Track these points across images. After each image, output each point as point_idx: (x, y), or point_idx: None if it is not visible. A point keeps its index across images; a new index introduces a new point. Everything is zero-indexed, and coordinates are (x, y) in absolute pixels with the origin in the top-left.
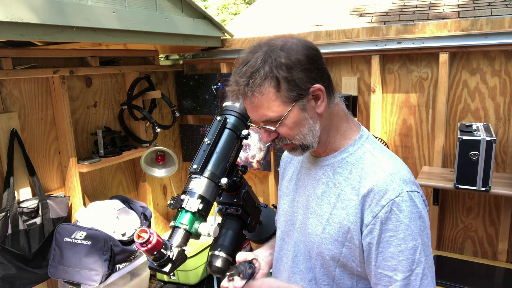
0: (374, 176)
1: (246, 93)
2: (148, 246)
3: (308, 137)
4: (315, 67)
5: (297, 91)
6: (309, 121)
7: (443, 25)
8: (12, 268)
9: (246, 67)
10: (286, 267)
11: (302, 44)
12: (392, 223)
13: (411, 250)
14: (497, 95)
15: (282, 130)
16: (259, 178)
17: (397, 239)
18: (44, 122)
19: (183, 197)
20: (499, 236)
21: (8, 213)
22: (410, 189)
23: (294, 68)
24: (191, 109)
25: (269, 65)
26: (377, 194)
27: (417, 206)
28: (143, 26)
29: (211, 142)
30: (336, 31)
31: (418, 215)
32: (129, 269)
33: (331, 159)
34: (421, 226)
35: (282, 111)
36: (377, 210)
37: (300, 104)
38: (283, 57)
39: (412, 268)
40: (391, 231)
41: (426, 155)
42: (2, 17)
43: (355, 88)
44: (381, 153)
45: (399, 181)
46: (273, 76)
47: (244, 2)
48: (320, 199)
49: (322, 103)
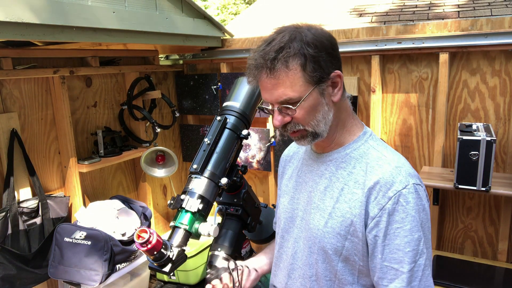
0: (380, 170)
1: (273, 67)
2: (148, 246)
3: (321, 124)
4: (337, 54)
5: (320, 73)
6: (325, 108)
7: (443, 25)
8: (12, 268)
9: (274, 43)
10: (286, 264)
11: (325, 30)
12: (399, 214)
13: (417, 241)
14: (497, 95)
15: (298, 114)
16: (259, 178)
17: (403, 230)
18: (44, 122)
19: (183, 197)
20: (499, 236)
21: (8, 213)
22: (415, 182)
23: (320, 49)
24: (191, 109)
25: (298, 42)
26: (384, 186)
27: (421, 199)
28: (143, 26)
29: (211, 142)
30: (336, 31)
31: (422, 207)
32: (129, 269)
33: (334, 155)
34: (424, 218)
35: (303, 92)
36: (384, 202)
37: (320, 88)
38: (311, 37)
39: (416, 259)
40: (398, 222)
41: (426, 155)
42: (2, 17)
43: (355, 88)
44: (385, 149)
45: (405, 173)
46: (302, 53)
47: (244, 2)
48: (323, 194)
49: (339, 91)
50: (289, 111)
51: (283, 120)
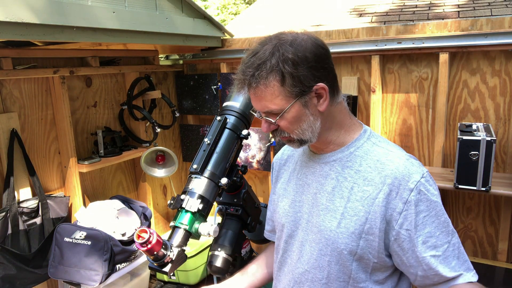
0: (392, 165)
1: (251, 83)
2: (148, 246)
3: (307, 132)
4: (322, 66)
5: (300, 87)
6: (310, 118)
7: (443, 25)
8: (12, 268)
9: (254, 58)
10: (291, 268)
11: (311, 41)
12: (424, 203)
13: (444, 223)
14: (497, 95)
15: (282, 123)
16: (259, 178)
17: (430, 216)
18: (44, 122)
19: (183, 197)
20: (499, 236)
21: (8, 213)
22: (427, 171)
23: (300, 64)
24: (191, 109)
25: (276, 58)
26: (403, 180)
27: (434, 183)
28: (143, 26)
29: (211, 142)
30: (336, 31)
31: (438, 193)
32: (129, 269)
33: (338, 154)
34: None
35: (283, 105)
36: (407, 195)
37: (302, 100)
38: (291, 53)
39: (449, 239)
40: (424, 211)
41: (426, 155)
42: (2, 17)
43: (355, 88)
44: (388, 144)
45: (417, 164)
46: (278, 70)
47: (244, 2)
48: (331, 195)
49: (325, 102)
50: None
51: (269, 128)
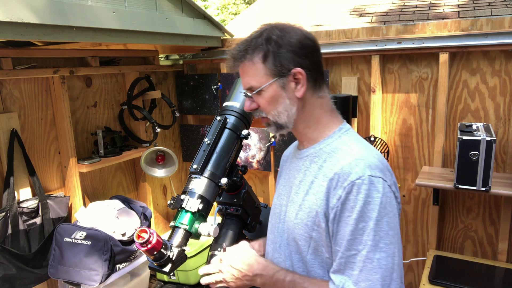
0: (342, 162)
1: (238, 58)
2: (148, 246)
3: (283, 116)
4: (304, 54)
5: (279, 68)
6: (286, 101)
7: (443, 25)
8: (12, 268)
9: (247, 38)
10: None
11: (300, 31)
12: (350, 203)
13: (360, 231)
14: (497, 95)
15: (260, 101)
16: (259, 178)
17: (351, 219)
18: (44, 122)
19: (183, 197)
20: (499, 236)
21: (8, 213)
22: (374, 174)
23: (283, 46)
24: (191, 109)
25: (263, 38)
26: (342, 177)
27: (377, 191)
28: (143, 26)
29: (211, 142)
30: (336, 31)
31: (378, 200)
32: (129, 269)
33: (310, 150)
34: (375, 210)
35: (263, 82)
36: (340, 192)
37: (280, 81)
38: (276, 35)
39: (359, 248)
40: (348, 211)
41: (426, 155)
42: (2, 17)
43: (355, 88)
44: (356, 143)
45: (364, 165)
46: (262, 48)
47: (244, 2)
48: (297, 187)
49: (302, 88)
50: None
51: (250, 106)
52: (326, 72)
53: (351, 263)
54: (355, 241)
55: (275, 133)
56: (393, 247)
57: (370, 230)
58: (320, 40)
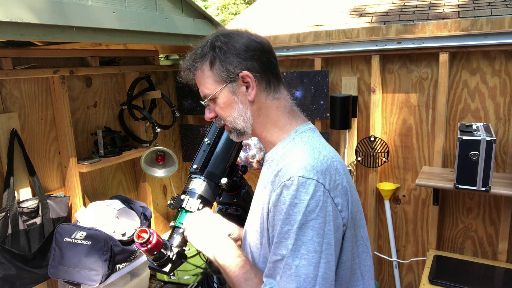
0: (282, 163)
1: (189, 69)
2: (148, 246)
3: (239, 121)
4: (251, 56)
5: (227, 73)
6: (239, 106)
7: (443, 25)
8: (12, 268)
9: (195, 48)
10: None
11: (246, 35)
12: (280, 205)
13: (286, 234)
14: (497, 95)
15: (216, 109)
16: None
17: (279, 220)
18: (44, 122)
19: (183, 197)
20: (499, 236)
21: (8, 213)
22: (306, 176)
23: (228, 52)
24: (191, 109)
25: (208, 46)
26: (278, 179)
27: (306, 193)
28: (143, 26)
29: (211, 142)
30: (336, 31)
31: (305, 203)
32: (129, 269)
33: (269, 154)
34: (301, 214)
35: (213, 89)
36: (274, 195)
37: (230, 87)
38: (222, 42)
39: (282, 253)
40: (278, 213)
41: (426, 155)
42: (2, 17)
43: (355, 88)
44: (304, 145)
45: (298, 166)
46: (208, 56)
47: (244, 2)
48: (256, 195)
49: (252, 91)
50: (211, 107)
51: (209, 115)
52: (326, 72)
53: (276, 268)
54: (280, 245)
55: (237, 140)
56: (317, 256)
57: (292, 234)
58: (320, 40)
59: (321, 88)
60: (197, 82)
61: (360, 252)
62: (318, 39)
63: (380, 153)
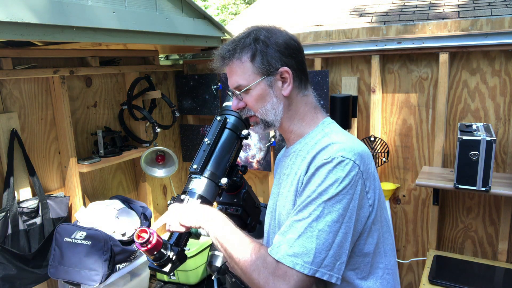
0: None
1: (225, 57)
2: (148, 246)
3: (270, 114)
4: (290, 54)
5: (267, 67)
6: (273, 99)
7: (443, 25)
8: (12, 268)
9: (234, 38)
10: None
11: (285, 33)
12: (314, 178)
13: (313, 201)
14: (497, 95)
15: (248, 100)
16: (259, 178)
17: (309, 190)
18: (44, 122)
19: (183, 197)
20: (499, 236)
21: (8, 213)
22: (346, 156)
23: (270, 46)
24: (191, 109)
25: (251, 38)
26: (316, 158)
27: (342, 171)
28: (143, 26)
29: (211, 142)
30: (336, 31)
31: (339, 179)
32: (129, 269)
33: (296, 146)
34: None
35: (251, 81)
36: (312, 168)
37: (268, 80)
38: (264, 36)
39: (305, 216)
40: (310, 184)
41: (426, 155)
42: (2, 17)
43: (355, 88)
44: (336, 134)
45: (338, 147)
46: (251, 48)
47: (244, 2)
48: (285, 182)
49: (288, 86)
50: (241, 97)
51: (237, 105)
52: (326, 72)
53: (293, 227)
54: (305, 209)
55: (262, 131)
56: (338, 226)
57: (321, 203)
58: (320, 40)
59: (321, 88)
60: (230, 71)
61: (383, 231)
62: (318, 39)
63: (380, 153)
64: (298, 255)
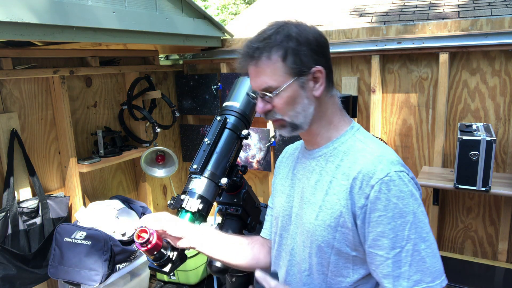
0: (363, 160)
1: (254, 56)
2: (148, 246)
3: (300, 116)
4: (321, 52)
5: (300, 67)
6: (304, 101)
7: (443, 25)
8: (12, 268)
9: (261, 34)
10: (285, 261)
11: (314, 29)
12: (382, 202)
13: (400, 227)
14: (497, 95)
15: (277, 102)
16: (259, 178)
17: (386, 217)
18: (44, 122)
19: (183, 197)
20: (499, 236)
21: (8, 213)
22: (398, 170)
23: (302, 44)
24: (191, 109)
25: (281, 35)
26: (366, 175)
27: (406, 185)
28: (143, 26)
29: (211, 142)
30: (336, 31)
31: (409, 193)
32: (129, 269)
33: (323, 149)
34: (410, 204)
35: (282, 82)
36: (368, 191)
37: (300, 81)
38: (295, 33)
39: (402, 245)
40: (380, 210)
41: (426, 155)
42: (2, 17)
43: (355, 88)
44: (371, 141)
45: (387, 162)
46: (282, 46)
47: (244, 2)
48: (314, 188)
49: (321, 86)
50: (269, 99)
51: (264, 107)
52: None
53: (397, 261)
54: (397, 238)
55: (289, 134)
56: (430, 232)
57: (411, 224)
58: None
59: None
60: (257, 71)
61: None
62: None
63: None
64: (421, 281)
